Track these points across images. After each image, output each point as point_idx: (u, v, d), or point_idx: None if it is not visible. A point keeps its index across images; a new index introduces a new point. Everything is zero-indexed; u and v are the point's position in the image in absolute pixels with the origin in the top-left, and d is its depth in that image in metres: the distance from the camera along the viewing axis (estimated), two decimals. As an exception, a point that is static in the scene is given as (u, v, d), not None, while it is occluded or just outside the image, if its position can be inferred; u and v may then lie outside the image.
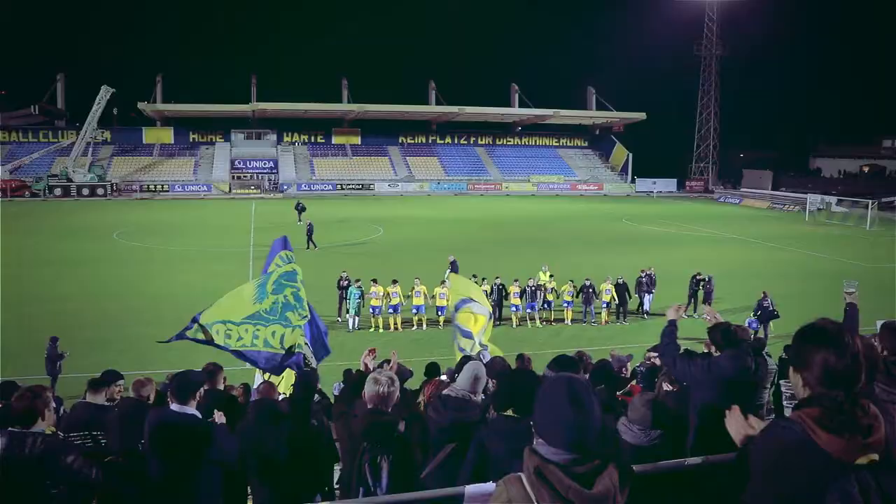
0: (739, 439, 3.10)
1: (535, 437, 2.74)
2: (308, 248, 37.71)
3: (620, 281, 25.36)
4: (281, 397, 10.23)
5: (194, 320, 8.37)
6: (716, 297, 25.62)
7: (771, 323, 22.48)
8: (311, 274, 29.30)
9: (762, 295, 22.85)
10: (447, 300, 21.94)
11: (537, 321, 24.58)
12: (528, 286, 24.52)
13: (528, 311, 24.59)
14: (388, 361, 7.62)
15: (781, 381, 5.28)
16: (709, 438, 4.78)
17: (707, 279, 25.94)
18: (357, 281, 23.69)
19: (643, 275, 25.92)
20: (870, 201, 58.54)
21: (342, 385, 12.24)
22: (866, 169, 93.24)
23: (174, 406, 5.27)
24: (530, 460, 2.64)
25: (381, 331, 23.35)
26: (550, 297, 24.99)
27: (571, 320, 24.99)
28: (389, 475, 4.47)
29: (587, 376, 7.51)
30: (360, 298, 23.25)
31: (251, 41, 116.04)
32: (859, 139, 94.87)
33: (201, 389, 5.51)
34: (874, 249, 43.38)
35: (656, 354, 7.28)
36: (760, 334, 21.70)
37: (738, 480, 2.80)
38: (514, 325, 24.21)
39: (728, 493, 2.84)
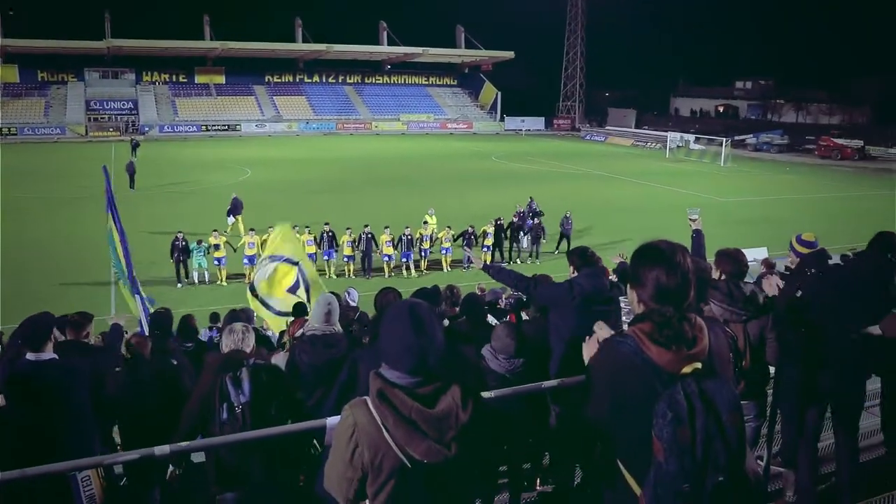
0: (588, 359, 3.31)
1: (382, 361, 2.79)
2: (131, 188, 37.39)
3: (500, 222, 25.34)
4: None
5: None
6: (577, 231, 26.64)
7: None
8: (182, 219, 28.61)
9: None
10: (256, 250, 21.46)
11: (412, 270, 23.86)
12: (403, 235, 23.66)
13: (404, 260, 23.90)
14: None
15: (620, 298, 5.58)
16: (570, 362, 4.93)
17: (567, 217, 26.29)
18: (199, 242, 22.21)
19: (515, 220, 25.99)
20: (724, 139, 61.71)
21: (210, 331, 12.12)
22: (721, 109, 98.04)
23: (29, 355, 5.07)
24: (374, 383, 2.71)
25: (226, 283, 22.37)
26: (426, 245, 24.34)
27: (450, 264, 24.45)
28: (251, 382, 4.46)
29: (456, 309, 7.72)
30: (204, 254, 22.08)
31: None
32: (715, 81, 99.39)
33: (56, 333, 5.27)
34: (727, 184, 46.05)
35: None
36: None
37: (585, 396, 3.02)
38: (387, 276, 23.41)
39: (580, 410, 3.05)
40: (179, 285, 21.93)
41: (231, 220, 28.24)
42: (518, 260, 25.62)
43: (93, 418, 5.33)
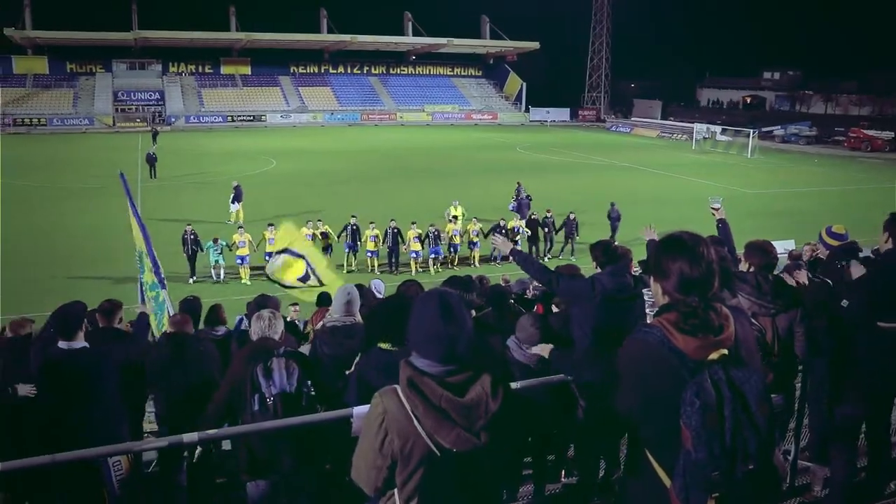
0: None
1: (411, 349, 2.81)
2: (151, 177, 38.09)
3: (533, 217, 24.88)
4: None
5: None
6: (601, 224, 26.47)
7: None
8: (203, 208, 28.81)
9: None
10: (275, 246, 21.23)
11: (438, 267, 23.49)
12: (429, 231, 23.32)
13: (433, 255, 23.52)
14: None
15: (644, 290, 5.55)
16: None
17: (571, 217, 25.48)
18: (216, 241, 21.73)
19: (549, 215, 25.22)
20: (751, 131, 61.03)
21: (244, 318, 12.20)
22: (748, 99, 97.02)
23: (61, 343, 5.16)
24: (404, 372, 2.73)
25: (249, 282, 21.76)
26: (457, 241, 23.94)
27: (479, 260, 24.10)
28: (283, 372, 4.48)
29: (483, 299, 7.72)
30: (220, 252, 21.65)
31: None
32: (743, 72, 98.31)
33: (86, 323, 5.37)
34: (754, 176, 45.60)
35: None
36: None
37: (612, 388, 3.02)
38: (413, 273, 22.57)
39: (605, 402, 3.05)
40: (191, 280, 21.49)
41: (235, 207, 28.69)
42: (548, 256, 24.91)
43: (122, 404, 5.43)
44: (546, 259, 23.90)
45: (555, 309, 7.14)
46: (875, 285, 4.88)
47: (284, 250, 11.95)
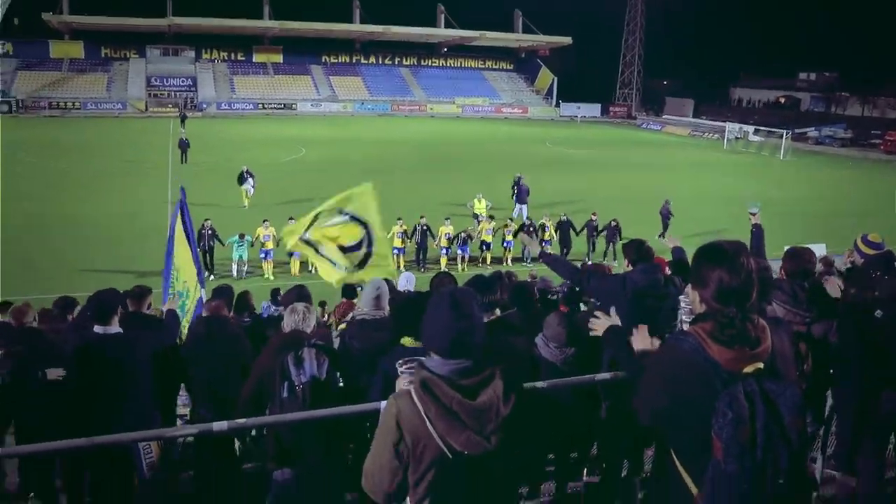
0: (639, 354, 3.31)
1: (425, 348, 2.87)
2: (183, 162, 38.90)
3: (564, 218, 24.25)
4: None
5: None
6: (629, 222, 26.27)
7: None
8: (239, 193, 29.05)
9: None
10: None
11: (466, 264, 23.14)
12: (460, 234, 23.06)
13: (461, 252, 23.19)
14: None
15: (680, 298, 5.52)
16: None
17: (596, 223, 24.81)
18: (242, 237, 21.23)
19: (593, 219, 24.54)
20: (784, 132, 60.29)
21: (270, 304, 12.32)
22: (782, 100, 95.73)
23: (97, 328, 5.26)
24: (418, 374, 2.77)
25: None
26: (488, 239, 23.56)
27: (512, 259, 23.77)
28: (313, 362, 4.51)
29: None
30: (247, 247, 21.23)
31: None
32: (778, 72, 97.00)
33: (119, 308, 5.47)
34: (785, 177, 45.08)
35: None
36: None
37: (636, 388, 3.02)
38: (443, 268, 22.32)
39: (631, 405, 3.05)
40: (211, 276, 20.26)
41: (249, 187, 29.30)
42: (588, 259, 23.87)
43: (154, 390, 5.53)
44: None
45: (583, 307, 7.13)
46: None
47: (342, 211, 9.46)
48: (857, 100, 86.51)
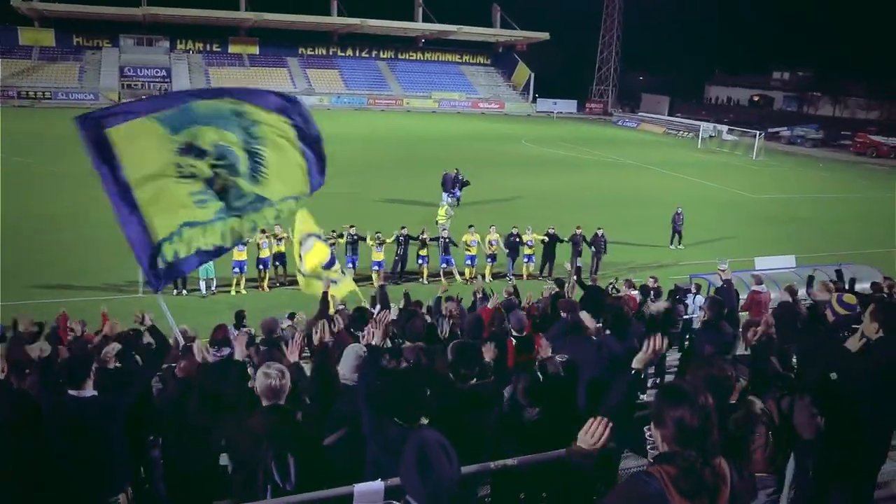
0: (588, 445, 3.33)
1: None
2: None
3: (551, 232, 22.82)
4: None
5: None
6: (615, 230, 26.40)
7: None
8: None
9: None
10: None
11: (456, 276, 21.95)
12: (441, 238, 21.94)
13: (443, 266, 21.93)
14: None
15: (644, 428, 5.53)
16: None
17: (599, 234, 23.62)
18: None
19: (578, 233, 22.95)
20: (757, 132, 60.95)
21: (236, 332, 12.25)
22: (756, 99, 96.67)
23: (71, 392, 5.22)
24: None
25: None
26: (473, 252, 22.10)
27: (492, 275, 22.42)
28: (296, 470, 4.41)
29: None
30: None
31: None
32: (752, 70, 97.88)
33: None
34: (757, 179, 45.57)
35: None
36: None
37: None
38: (423, 280, 21.67)
39: None
40: (176, 292, 19.30)
41: None
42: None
43: (127, 449, 5.52)
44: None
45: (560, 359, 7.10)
46: (873, 378, 4.88)
47: (311, 234, 12.27)
48: (828, 100, 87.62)
